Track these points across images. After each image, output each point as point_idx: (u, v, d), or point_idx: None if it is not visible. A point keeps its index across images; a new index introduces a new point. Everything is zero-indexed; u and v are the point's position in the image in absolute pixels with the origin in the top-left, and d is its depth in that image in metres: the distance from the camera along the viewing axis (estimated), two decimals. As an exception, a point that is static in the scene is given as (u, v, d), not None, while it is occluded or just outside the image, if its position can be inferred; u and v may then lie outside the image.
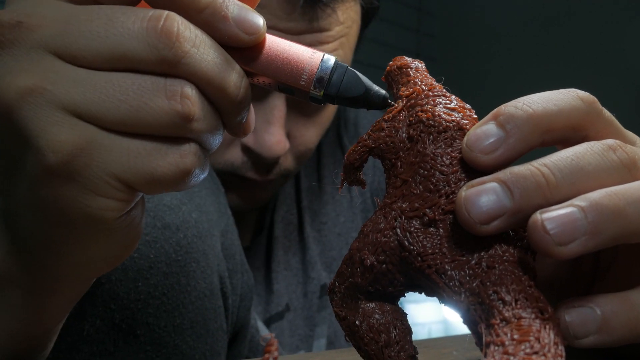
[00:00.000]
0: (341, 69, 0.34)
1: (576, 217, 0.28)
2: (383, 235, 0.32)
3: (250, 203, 0.80)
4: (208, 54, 0.30)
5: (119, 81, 0.29)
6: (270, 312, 0.85)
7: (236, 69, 0.32)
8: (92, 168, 0.29)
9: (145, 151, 0.30)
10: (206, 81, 0.30)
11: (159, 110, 0.29)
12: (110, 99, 0.29)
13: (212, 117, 0.32)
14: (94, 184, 0.29)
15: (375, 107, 0.35)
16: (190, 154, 0.31)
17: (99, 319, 0.46)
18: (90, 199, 0.30)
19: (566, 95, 0.32)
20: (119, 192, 0.30)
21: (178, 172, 0.30)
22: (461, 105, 0.34)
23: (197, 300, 0.51)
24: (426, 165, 0.32)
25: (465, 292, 0.29)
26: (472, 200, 0.29)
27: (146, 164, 0.30)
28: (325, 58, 0.34)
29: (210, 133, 0.32)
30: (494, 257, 0.29)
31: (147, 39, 0.29)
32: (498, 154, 0.30)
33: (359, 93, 0.34)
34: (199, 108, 0.30)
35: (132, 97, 0.29)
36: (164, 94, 0.29)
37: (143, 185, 0.30)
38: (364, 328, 0.33)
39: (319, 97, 0.34)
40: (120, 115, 0.29)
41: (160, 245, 0.49)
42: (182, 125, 0.30)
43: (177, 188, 0.31)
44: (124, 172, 0.29)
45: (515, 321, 0.26)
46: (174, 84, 0.29)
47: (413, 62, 0.37)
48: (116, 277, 0.47)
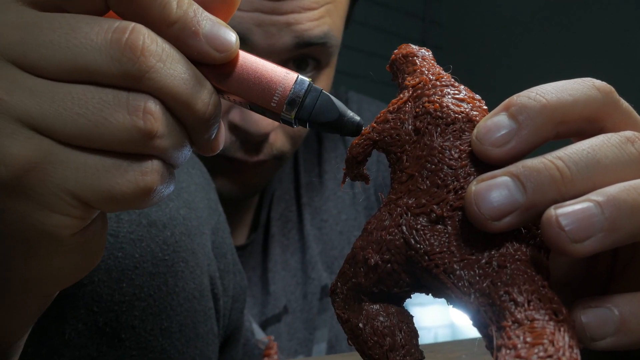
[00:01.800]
0: (315, 92, 0.34)
1: (592, 213, 0.28)
2: (388, 233, 0.32)
3: (242, 189, 0.80)
4: (175, 69, 0.30)
5: (79, 94, 0.29)
6: (266, 314, 0.85)
7: (205, 85, 0.32)
8: (47, 184, 0.29)
9: (104, 167, 0.30)
10: (172, 97, 0.30)
11: (119, 125, 0.29)
12: (69, 112, 0.29)
13: (178, 133, 0.32)
14: (48, 201, 0.29)
15: (349, 134, 0.35)
16: (152, 172, 0.31)
17: (81, 322, 0.46)
18: (44, 215, 0.30)
19: (582, 85, 0.32)
20: (74, 209, 0.30)
21: (138, 190, 0.30)
22: (470, 95, 0.34)
23: (186, 302, 0.51)
24: (433, 159, 0.32)
25: (475, 293, 0.29)
26: (483, 195, 0.29)
27: (104, 181, 0.30)
28: (299, 80, 0.34)
29: (175, 149, 0.32)
30: (506, 255, 0.29)
31: (110, 51, 0.29)
32: (510, 146, 0.30)
33: (332, 118, 0.34)
34: (163, 124, 0.30)
35: (92, 111, 0.29)
36: (126, 109, 0.29)
37: (100, 202, 0.30)
38: (368, 331, 0.33)
39: (290, 120, 0.34)
40: (78, 130, 0.29)
41: (146, 244, 0.49)
42: (143, 141, 0.30)
43: (137, 206, 0.31)
44: (79, 188, 0.29)
45: (528, 323, 0.27)
46: (136, 99, 0.30)
47: (419, 50, 0.37)
48: (99, 277, 0.47)
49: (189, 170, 0.56)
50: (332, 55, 0.76)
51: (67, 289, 0.45)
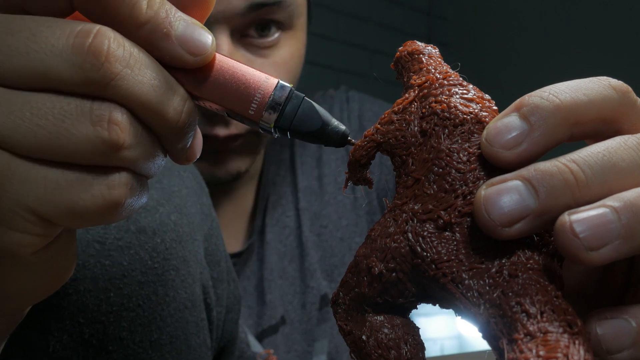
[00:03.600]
0: (296, 99, 0.34)
1: (608, 219, 0.28)
2: (393, 240, 0.32)
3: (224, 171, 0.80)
4: (144, 75, 0.30)
5: (38, 103, 0.29)
6: (263, 325, 0.85)
7: (178, 92, 0.32)
8: (4, 200, 0.29)
9: (66, 182, 0.29)
10: (141, 105, 0.30)
11: (82, 137, 0.29)
12: (27, 123, 0.28)
13: (148, 143, 0.31)
14: (6, 217, 0.29)
15: (333, 144, 0.35)
16: (119, 185, 0.30)
17: (66, 333, 0.46)
18: (1, 232, 0.29)
19: (597, 84, 0.32)
20: (34, 227, 0.29)
21: (105, 204, 0.30)
22: (479, 95, 0.34)
23: (177, 313, 0.51)
24: (441, 162, 0.32)
25: (485, 304, 0.29)
26: (493, 200, 0.29)
27: (66, 197, 0.29)
28: (279, 86, 0.34)
29: (145, 160, 0.31)
30: (517, 264, 0.29)
31: (72, 57, 0.29)
32: (521, 149, 0.30)
33: (314, 128, 0.34)
34: (130, 135, 0.30)
35: (52, 122, 0.29)
36: (89, 119, 0.29)
37: (63, 219, 0.30)
38: (372, 344, 0.33)
39: (269, 129, 0.34)
40: (37, 142, 0.28)
41: (134, 251, 0.48)
42: (109, 153, 0.29)
43: (105, 222, 0.31)
44: (40, 205, 0.29)
45: (541, 336, 0.27)
46: (101, 108, 0.29)
47: (426, 47, 0.37)
48: (85, 287, 0.46)
49: (180, 174, 0.56)
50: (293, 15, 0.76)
51: (51, 298, 0.45)
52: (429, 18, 2.49)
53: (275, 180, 0.92)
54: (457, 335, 1.85)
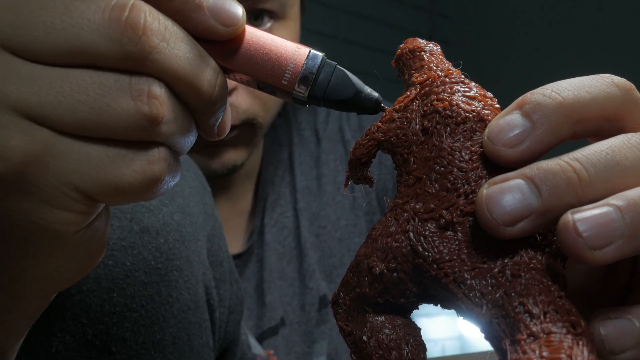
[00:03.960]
0: (329, 67, 0.34)
1: (612, 218, 0.28)
2: (394, 240, 0.32)
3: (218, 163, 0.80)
4: (179, 49, 0.30)
5: (78, 79, 0.29)
6: (262, 326, 0.85)
7: (211, 65, 0.32)
8: (48, 177, 0.29)
9: (108, 158, 0.29)
10: (177, 79, 0.30)
11: (123, 112, 0.29)
12: (68, 99, 0.28)
13: (184, 118, 0.31)
14: (50, 195, 0.29)
15: (367, 112, 0.35)
16: (159, 160, 0.31)
17: (69, 334, 0.46)
18: (45, 211, 0.29)
19: (600, 82, 0.32)
20: (78, 204, 0.30)
21: (145, 180, 0.30)
22: (482, 93, 0.34)
23: (180, 313, 0.51)
24: (443, 160, 0.32)
25: (487, 304, 0.29)
26: (495, 199, 0.29)
27: (109, 173, 0.29)
28: (311, 55, 0.34)
29: (181, 135, 0.32)
30: (520, 264, 0.29)
31: (110, 32, 0.29)
32: (524, 147, 0.30)
33: (348, 95, 0.34)
34: (169, 109, 0.30)
35: (93, 98, 0.29)
36: (129, 94, 0.29)
37: (105, 196, 0.30)
38: (373, 344, 0.33)
39: (303, 98, 0.34)
40: (79, 118, 0.29)
41: (138, 251, 0.48)
42: (149, 128, 0.30)
43: (144, 198, 0.31)
44: (83, 181, 0.29)
45: (544, 336, 0.27)
46: (140, 83, 0.29)
47: (427, 44, 0.37)
48: (88, 287, 0.46)
49: (183, 173, 0.56)
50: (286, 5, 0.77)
51: (55, 299, 0.45)
52: (431, 15, 2.49)
53: (274, 180, 0.92)
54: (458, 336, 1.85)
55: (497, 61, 2.25)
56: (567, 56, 2.03)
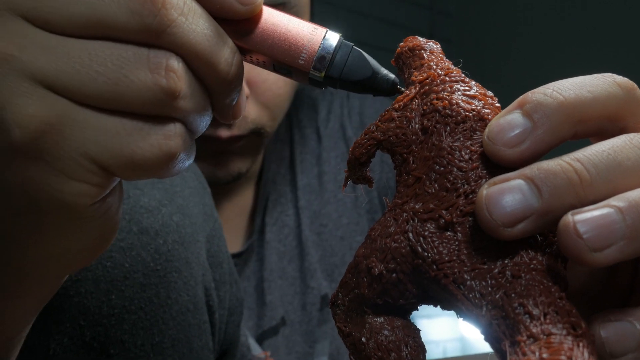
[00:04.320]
0: (346, 48, 0.34)
1: (613, 219, 0.28)
2: (393, 240, 0.32)
3: (225, 171, 0.80)
4: (197, 25, 0.30)
5: (97, 50, 0.29)
6: (263, 326, 0.85)
7: (228, 43, 0.32)
8: (64, 147, 0.29)
9: (125, 130, 0.30)
10: (194, 55, 0.31)
11: (140, 84, 0.29)
12: (86, 69, 0.29)
13: (200, 95, 0.32)
14: (66, 165, 0.29)
15: (383, 93, 0.35)
16: (175, 136, 0.31)
17: (67, 336, 0.46)
18: (60, 182, 0.30)
19: (602, 81, 0.32)
20: (93, 176, 0.30)
21: (161, 155, 0.30)
22: (482, 92, 0.34)
23: (179, 315, 0.51)
24: (442, 160, 0.32)
25: (487, 305, 0.29)
26: (495, 199, 0.29)
27: (125, 145, 0.30)
28: (328, 35, 0.34)
29: (197, 113, 0.32)
30: (520, 265, 0.29)
31: (129, 4, 0.29)
32: (524, 147, 0.30)
33: (365, 76, 0.34)
34: (186, 84, 0.30)
35: (111, 69, 0.29)
36: (147, 67, 0.29)
37: (121, 168, 0.30)
38: (371, 346, 0.33)
39: (319, 79, 0.34)
40: (97, 89, 0.29)
41: (136, 252, 0.48)
42: (166, 102, 0.30)
43: (159, 174, 0.32)
44: (99, 153, 0.29)
45: (544, 338, 0.27)
46: (158, 56, 0.30)
47: (427, 43, 0.37)
48: (86, 289, 0.46)
49: (182, 174, 0.56)
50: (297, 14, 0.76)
51: (52, 300, 0.45)
52: (431, 13, 2.49)
53: (275, 178, 0.92)
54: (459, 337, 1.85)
55: (499, 60, 2.25)
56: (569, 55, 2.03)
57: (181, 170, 0.33)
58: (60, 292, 0.45)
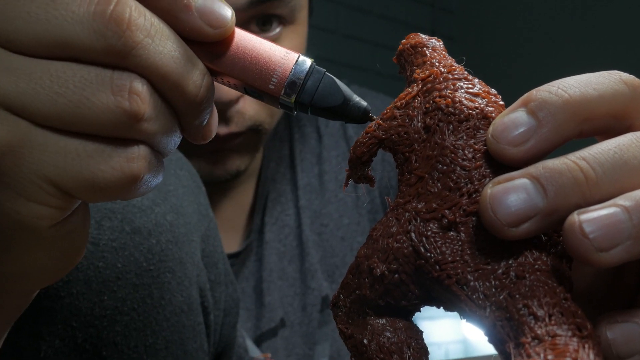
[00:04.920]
0: (317, 74, 0.34)
1: (619, 219, 0.28)
2: (395, 241, 0.32)
3: (222, 169, 0.80)
4: (165, 46, 0.30)
5: (58, 72, 0.29)
6: (261, 328, 0.85)
7: (198, 65, 0.32)
8: (22, 169, 0.29)
9: (86, 153, 0.30)
10: (161, 77, 0.30)
11: (102, 106, 0.29)
12: (47, 91, 0.29)
13: (167, 117, 0.32)
14: (24, 188, 0.29)
15: (354, 121, 0.35)
16: (138, 158, 0.31)
17: (58, 338, 0.46)
18: (19, 204, 0.30)
19: (608, 79, 0.32)
20: (52, 198, 0.30)
21: (123, 178, 0.30)
22: (485, 89, 0.34)
23: (173, 317, 0.51)
24: (445, 159, 0.32)
25: (491, 306, 0.29)
26: (499, 199, 0.29)
27: (85, 168, 0.30)
28: (300, 60, 0.34)
29: (164, 135, 0.32)
30: (524, 265, 0.29)
31: (94, 25, 0.29)
32: (529, 146, 0.30)
33: (336, 103, 0.34)
34: (150, 106, 0.30)
35: (72, 91, 0.29)
36: (110, 89, 0.29)
37: (81, 191, 0.30)
38: (373, 348, 0.33)
39: (290, 104, 0.34)
40: (57, 111, 0.29)
41: (129, 252, 0.48)
42: (129, 124, 0.30)
43: (122, 196, 0.32)
44: (59, 175, 0.29)
45: (549, 339, 0.27)
46: (121, 78, 0.30)
47: (429, 40, 0.37)
48: (78, 290, 0.46)
49: (176, 172, 0.56)
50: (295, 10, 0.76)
51: (43, 301, 0.45)
52: (434, 10, 2.49)
53: (275, 177, 0.92)
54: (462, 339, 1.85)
55: (502, 57, 2.25)
56: (575, 52, 2.03)
57: (147, 191, 0.32)
58: (51, 293, 0.45)
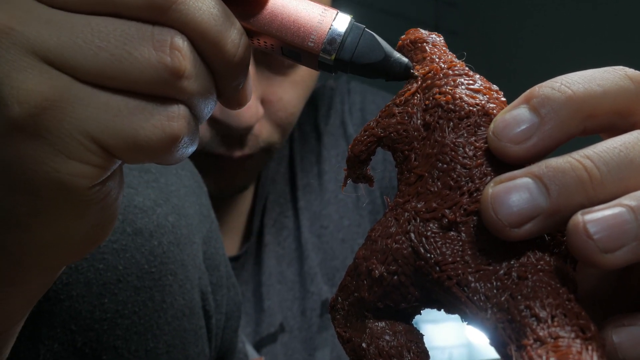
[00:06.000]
0: (357, 30, 0.34)
1: (625, 219, 0.28)
2: (394, 241, 0.32)
3: (229, 187, 0.81)
4: (204, 3, 0.31)
5: (100, 26, 0.29)
6: (260, 333, 0.85)
7: (236, 24, 0.33)
8: (64, 125, 0.29)
9: (127, 109, 0.30)
10: (200, 34, 0.31)
11: (144, 61, 0.30)
12: (89, 45, 0.29)
13: (205, 77, 0.32)
14: (66, 144, 0.29)
15: (395, 77, 0.35)
16: (179, 117, 0.31)
17: (57, 342, 0.46)
18: (59, 161, 0.30)
19: (612, 74, 0.32)
20: (94, 156, 0.30)
21: (164, 137, 0.31)
22: (487, 86, 0.34)
23: (175, 320, 0.51)
24: (445, 157, 0.32)
25: (492, 308, 0.29)
26: (501, 198, 0.29)
27: (127, 124, 0.30)
28: (338, 17, 0.34)
29: (202, 96, 0.32)
30: (527, 265, 0.29)
31: None
32: (531, 143, 0.30)
33: (377, 59, 0.34)
34: (191, 64, 0.31)
35: (114, 45, 0.29)
36: (151, 44, 0.30)
37: (123, 149, 0.30)
38: (372, 352, 0.33)
39: (329, 62, 0.34)
40: (99, 65, 0.29)
41: (130, 254, 0.48)
42: (170, 81, 0.30)
43: (161, 157, 0.32)
44: (101, 132, 0.30)
45: (551, 341, 0.27)
46: (162, 33, 0.30)
47: (430, 35, 0.37)
48: (77, 292, 0.47)
49: (178, 172, 0.56)
50: None
51: (42, 304, 0.45)
52: (437, 4, 2.49)
53: (275, 177, 0.92)
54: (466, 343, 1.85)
55: (506, 52, 2.24)
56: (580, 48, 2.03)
57: (184, 156, 0.33)
58: (51, 295, 0.45)
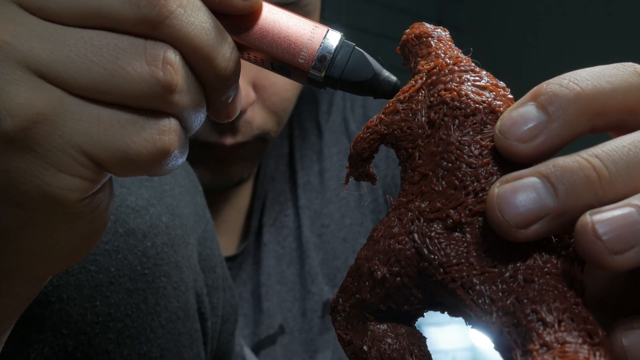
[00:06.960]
0: (347, 48, 0.35)
1: (635, 220, 0.28)
2: (397, 242, 0.32)
3: (226, 177, 0.81)
4: (196, 18, 0.32)
5: (93, 40, 0.30)
6: (259, 335, 0.85)
7: (227, 39, 0.33)
8: (56, 138, 0.30)
9: (119, 123, 0.31)
10: (192, 48, 0.32)
11: (136, 75, 0.30)
12: (81, 59, 0.30)
13: (196, 91, 0.33)
14: (57, 157, 0.30)
15: (384, 96, 0.36)
16: (170, 131, 0.32)
17: (48, 346, 0.46)
18: (50, 175, 0.30)
19: (622, 71, 0.32)
20: (85, 170, 0.31)
21: (155, 150, 0.31)
22: (493, 82, 0.34)
23: (169, 323, 0.51)
24: (450, 156, 0.32)
25: (498, 312, 0.29)
26: (507, 198, 0.29)
27: (118, 138, 0.31)
28: (329, 34, 0.35)
29: (192, 109, 0.33)
30: (533, 268, 0.29)
31: None
32: (538, 142, 0.30)
33: (366, 77, 0.36)
34: (183, 78, 0.32)
35: (107, 59, 0.30)
36: (144, 58, 0.30)
37: (114, 163, 0.31)
38: (374, 355, 0.33)
39: (319, 79, 0.35)
40: (91, 79, 0.30)
41: (122, 255, 0.49)
42: (162, 95, 0.31)
43: (152, 171, 0.32)
44: (92, 145, 0.30)
45: (558, 347, 0.27)
46: (155, 48, 0.31)
47: (435, 30, 0.37)
48: (68, 295, 0.47)
49: (172, 171, 0.56)
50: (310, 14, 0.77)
51: (32, 307, 0.45)
52: (441, -1, 2.49)
53: (274, 175, 0.92)
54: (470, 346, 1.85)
55: (512, 48, 2.25)
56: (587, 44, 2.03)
57: (173, 168, 0.33)
58: (41, 298, 0.45)
